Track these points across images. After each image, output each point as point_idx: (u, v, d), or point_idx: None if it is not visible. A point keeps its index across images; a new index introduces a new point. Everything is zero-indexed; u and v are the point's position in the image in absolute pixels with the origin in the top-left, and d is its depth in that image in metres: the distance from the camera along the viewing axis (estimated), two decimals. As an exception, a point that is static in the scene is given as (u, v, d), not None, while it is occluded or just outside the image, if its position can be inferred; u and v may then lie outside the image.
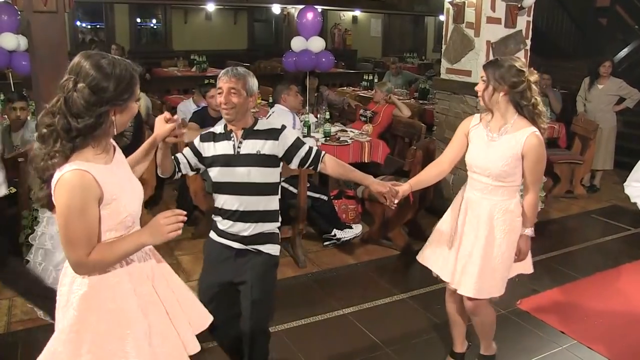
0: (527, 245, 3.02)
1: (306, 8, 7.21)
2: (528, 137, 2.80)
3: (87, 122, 1.85)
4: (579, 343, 3.72)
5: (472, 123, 3.03)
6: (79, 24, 14.96)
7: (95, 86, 1.86)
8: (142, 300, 2.04)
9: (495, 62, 2.86)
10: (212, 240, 2.92)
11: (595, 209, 6.66)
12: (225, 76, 2.74)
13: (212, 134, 2.87)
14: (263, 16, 17.29)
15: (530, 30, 5.60)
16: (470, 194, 3.01)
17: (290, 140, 2.82)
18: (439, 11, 7.78)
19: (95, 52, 1.95)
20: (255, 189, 2.78)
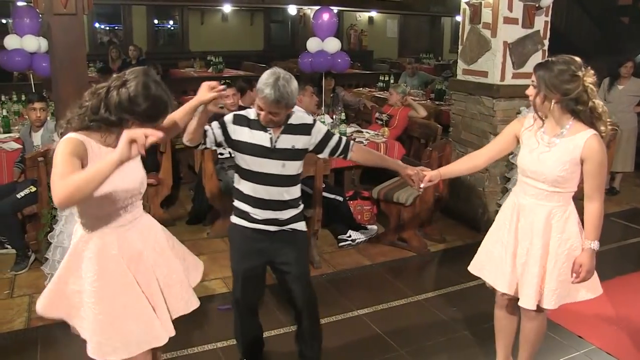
0: (591, 260, 2.72)
1: (322, 9, 7.22)
2: (588, 140, 2.63)
3: (109, 117, 2.14)
4: (598, 348, 3.67)
5: (525, 124, 2.86)
6: (98, 25, 15.10)
7: (133, 98, 2.12)
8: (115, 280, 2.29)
9: (546, 66, 2.64)
10: (242, 226, 2.97)
11: (614, 211, 6.57)
12: (266, 99, 2.70)
13: (246, 118, 2.87)
14: (279, 17, 17.33)
15: (548, 30, 5.56)
16: (523, 200, 2.85)
17: (322, 133, 2.98)
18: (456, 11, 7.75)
19: (152, 73, 2.23)
20: (287, 180, 2.91)
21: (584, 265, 2.72)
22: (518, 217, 2.86)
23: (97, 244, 2.28)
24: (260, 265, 3.05)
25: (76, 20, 4.01)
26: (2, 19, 13.27)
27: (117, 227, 2.31)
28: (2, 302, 4.09)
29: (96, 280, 2.25)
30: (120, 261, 2.30)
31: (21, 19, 6.20)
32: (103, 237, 2.29)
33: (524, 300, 2.82)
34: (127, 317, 2.29)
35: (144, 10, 14.99)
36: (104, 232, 2.29)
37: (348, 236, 5.21)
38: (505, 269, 2.88)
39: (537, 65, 2.72)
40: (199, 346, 3.56)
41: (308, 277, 3.14)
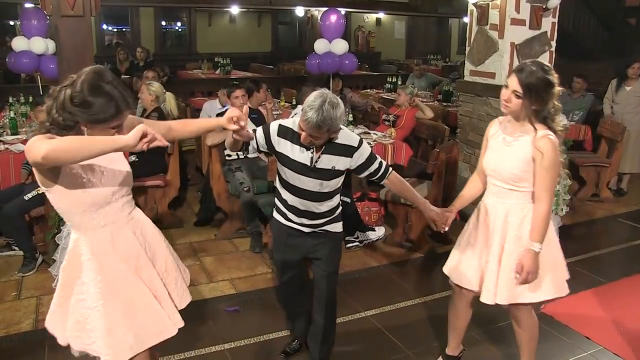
0: (533, 262, 2.71)
1: (329, 10, 7.23)
2: (540, 140, 2.68)
3: (58, 118, 2.07)
4: (605, 349, 3.66)
5: (492, 128, 2.98)
6: (105, 27, 15.16)
7: (76, 97, 2.04)
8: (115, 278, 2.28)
9: (529, 74, 2.66)
10: (281, 222, 3.09)
11: (622, 212, 6.55)
12: (308, 122, 2.65)
13: (291, 132, 2.84)
14: (287, 19, 17.35)
15: (555, 31, 5.55)
16: (487, 199, 2.95)
17: (365, 157, 2.93)
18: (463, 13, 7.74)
19: (103, 72, 2.12)
20: (325, 197, 2.95)
21: (525, 266, 2.71)
22: (485, 216, 2.93)
23: (92, 244, 2.26)
24: (296, 259, 3.17)
25: (83, 22, 4.04)
26: (10, 21, 13.35)
27: (109, 224, 2.27)
28: (10, 303, 4.11)
29: (100, 280, 2.25)
30: (117, 258, 2.29)
31: (29, 20, 6.24)
32: (96, 236, 2.26)
33: (484, 296, 2.89)
34: (136, 311, 2.29)
35: (151, 12, 15.05)
36: (96, 232, 2.26)
37: (355, 237, 5.21)
38: (474, 267, 2.95)
39: (518, 74, 2.69)
40: (207, 347, 3.56)
41: (336, 278, 3.19)
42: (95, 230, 2.25)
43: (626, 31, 10.25)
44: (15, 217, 4.52)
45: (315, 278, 3.17)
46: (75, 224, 2.27)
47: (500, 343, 3.71)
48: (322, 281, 3.12)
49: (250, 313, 4.07)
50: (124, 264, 2.30)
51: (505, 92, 2.73)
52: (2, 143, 5.41)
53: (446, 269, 3.14)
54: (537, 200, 2.75)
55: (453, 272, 3.09)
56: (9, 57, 6.31)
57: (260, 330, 3.72)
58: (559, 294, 2.91)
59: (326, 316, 3.19)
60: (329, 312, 3.22)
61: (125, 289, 2.29)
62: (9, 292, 4.26)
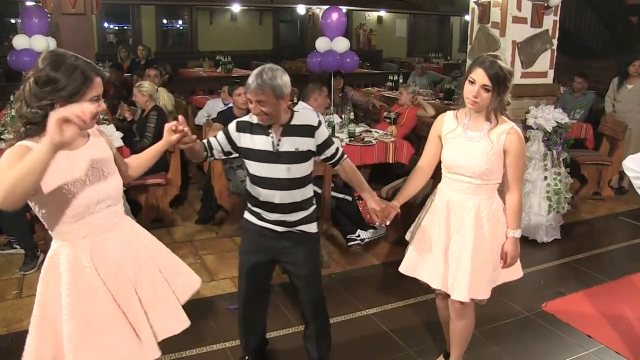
0: (515, 248, 2.88)
1: (331, 8, 7.22)
2: (509, 132, 2.76)
3: (31, 110, 1.98)
4: (606, 347, 3.66)
5: (446, 125, 2.93)
6: (106, 25, 15.16)
7: (40, 78, 1.97)
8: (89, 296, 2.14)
9: (494, 65, 2.67)
10: (253, 223, 2.99)
11: (623, 211, 6.55)
12: (249, 89, 2.73)
13: (248, 124, 2.85)
14: (288, 17, 17.34)
15: (557, 29, 5.54)
16: (451, 196, 2.91)
17: (325, 136, 2.92)
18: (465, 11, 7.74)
19: (56, 51, 2.07)
20: (295, 183, 2.87)
21: (509, 252, 2.87)
22: (448, 213, 2.91)
23: (69, 255, 2.13)
24: (266, 262, 3.05)
25: (85, 20, 4.05)
26: (11, 19, 13.35)
27: (89, 235, 2.16)
28: (11, 302, 4.12)
29: (68, 295, 2.10)
30: (93, 274, 2.15)
31: (30, 18, 6.23)
32: (75, 247, 2.14)
33: (457, 294, 2.87)
34: (103, 333, 2.14)
35: (152, 10, 15.04)
36: (76, 243, 2.14)
37: (357, 236, 5.20)
38: (438, 265, 2.92)
39: (488, 68, 2.68)
40: (208, 346, 3.57)
41: (317, 278, 3.12)
42: (75, 241, 2.14)
43: (628, 29, 10.22)
44: (16, 216, 4.51)
45: (296, 283, 3.09)
46: (56, 233, 2.16)
47: (502, 342, 3.70)
48: (304, 285, 3.06)
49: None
50: (96, 281, 2.15)
51: (473, 87, 2.71)
52: (3, 142, 5.41)
53: (403, 268, 3.11)
54: (509, 190, 2.87)
55: (415, 272, 3.06)
56: (10, 55, 6.29)
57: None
58: (519, 275, 3.05)
59: (317, 317, 3.16)
60: (319, 313, 3.16)
61: (94, 309, 2.14)
62: (10, 291, 4.26)
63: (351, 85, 9.27)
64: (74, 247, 2.14)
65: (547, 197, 5.31)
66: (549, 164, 5.34)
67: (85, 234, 2.15)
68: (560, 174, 5.38)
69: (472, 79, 2.72)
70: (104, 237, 2.20)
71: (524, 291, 4.43)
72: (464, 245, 2.84)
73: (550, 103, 5.55)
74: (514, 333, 3.83)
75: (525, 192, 5.40)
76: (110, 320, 2.17)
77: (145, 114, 5.76)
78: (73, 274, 2.12)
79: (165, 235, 5.40)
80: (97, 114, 2.02)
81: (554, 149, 5.33)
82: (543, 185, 5.32)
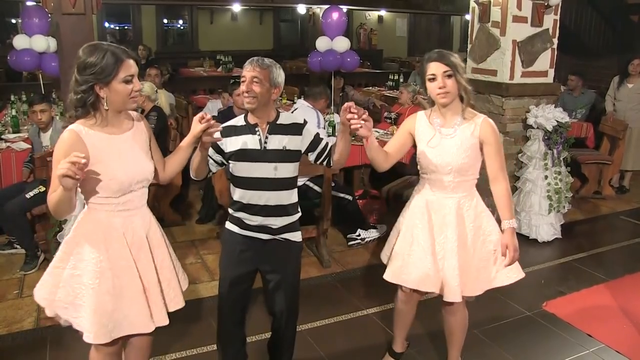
0: (514, 238, 2.79)
1: (331, 8, 7.22)
2: (483, 122, 2.77)
3: (77, 96, 2.27)
4: (607, 347, 3.65)
5: (418, 128, 2.89)
6: (107, 25, 15.16)
7: (79, 65, 2.26)
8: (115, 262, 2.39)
9: (444, 55, 2.71)
10: (235, 233, 2.88)
11: (624, 210, 6.54)
12: (250, 65, 2.72)
13: (232, 127, 2.81)
14: (288, 16, 17.33)
15: (557, 28, 5.54)
16: (430, 196, 2.89)
17: (313, 133, 2.86)
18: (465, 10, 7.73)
19: (92, 42, 2.37)
20: (282, 184, 2.79)
21: (510, 244, 2.77)
22: (429, 214, 2.88)
23: (104, 223, 2.38)
24: (249, 273, 2.92)
25: (85, 20, 4.04)
26: (12, 19, 13.36)
27: (123, 210, 2.40)
28: (12, 302, 4.12)
29: (102, 261, 2.35)
30: (124, 243, 2.40)
31: (30, 18, 6.23)
32: (109, 218, 2.39)
33: (450, 295, 2.84)
34: (123, 299, 2.38)
35: (153, 10, 15.04)
36: (110, 214, 2.38)
37: (357, 235, 5.21)
38: (429, 268, 2.86)
39: (435, 58, 2.71)
40: (208, 345, 3.56)
41: (297, 289, 3.01)
42: (111, 213, 2.38)
43: (629, 28, 10.20)
44: (17, 215, 4.53)
45: (273, 291, 2.94)
46: (94, 204, 2.38)
47: (503, 341, 3.70)
48: (281, 293, 2.93)
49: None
50: (127, 250, 2.40)
51: (436, 82, 2.72)
52: (4, 141, 5.42)
53: (388, 276, 3.03)
54: (494, 180, 2.82)
55: (400, 278, 2.99)
56: (10, 55, 6.30)
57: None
58: (521, 276, 2.93)
59: (289, 326, 3.04)
60: (292, 324, 3.06)
61: (121, 276, 2.38)
62: (10, 291, 4.27)
63: (352, 84, 9.29)
64: (109, 218, 2.39)
65: (547, 196, 5.31)
66: (550, 163, 5.33)
67: (121, 208, 2.39)
68: (560, 173, 5.38)
69: (431, 75, 2.73)
70: (134, 212, 2.45)
71: (524, 290, 4.43)
72: (448, 245, 2.82)
73: (550, 102, 5.54)
74: (514, 332, 3.83)
75: (525, 192, 5.40)
76: (131, 289, 2.41)
77: (144, 113, 5.76)
78: (105, 242, 2.37)
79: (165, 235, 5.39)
80: (135, 94, 2.34)
81: (555, 148, 5.33)
82: (544, 185, 5.32)
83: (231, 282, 2.90)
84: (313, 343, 3.65)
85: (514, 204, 5.52)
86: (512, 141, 5.52)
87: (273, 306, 2.99)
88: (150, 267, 2.48)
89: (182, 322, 3.87)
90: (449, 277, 2.83)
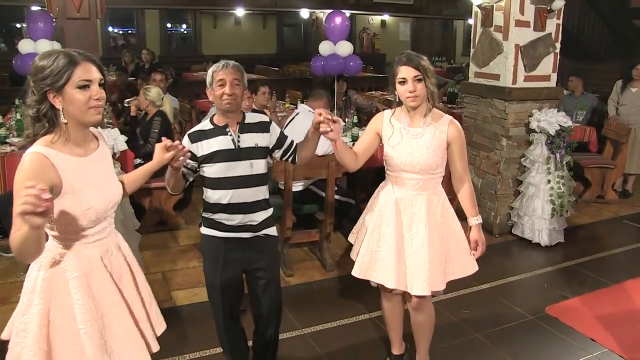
0: (482, 234, 2.96)
1: (334, 12, 7.23)
2: (450, 124, 2.86)
3: (32, 109, 1.98)
4: (610, 351, 3.65)
5: (384, 128, 2.94)
6: (111, 29, 15.21)
7: (32, 72, 1.98)
8: (102, 300, 2.12)
9: (414, 58, 2.78)
10: (215, 237, 2.92)
11: (627, 214, 6.54)
12: (226, 69, 2.80)
13: (201, 132, 2.85)
14: (292, 21, 17.40)
15: (560, 33, 5.55)
16: (399, 194, 2.93)
17: (279, 130, 2.99)
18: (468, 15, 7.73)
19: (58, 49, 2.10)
20: (258, 180, 2.88)
21: (479, 239, 2.93)
22: (398, 211, 2.92)
23: (81, 258, 2.09)
24: (237, 275, 2.97)
25: (89, 25, 4.07)
26: (17, 24, 13.41)
27: (97, 240, 2.14)
28: (15, 305, 4.11)
29: (87, 301, 2.07)
30: (107, 276, 2.15)
31: (35, 23, 6.27)
32: (86, 250, 2.10)
33: (417, 289, 2.87)
34: (113, 338, 2.14)
35: (157, 14, 15.11)
36: (86, 246, 2.10)
37: (360, 239, 5.20)
38: (392, 265, 2.91)
39: (411, 62, 2.76)
40: (211, 349, 3.57)
41: (279, 284, 3.09)
42: (86, 245, 2.10)
43: (631, 32, 10.21)
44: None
45: (260, 289, 3.00)
46: (65, 239, 2.08)
47: (505, 345, 3.70)
48: (268, 290, 2.99)
49: None
50: (112, 284, 2.17)
51: (406, 85, 2.77)
52: (9, 145, 5.44)
53: (356, 272, 3.07)
54: (460, 180, 2.96)
55: (367, 274, 3.04)
56: (15, 60, 6.34)
57: None
58: (475, 268, 3.02)
59: (274, 324, 3.12)
60: (277, 319, 3.12)
61: (109, 312, 2.14)
62: (14, 293, 4.27)
63: (354, 88, 9.28)
64: (85, 252, 2.10)
65: (550, 200, 5.31)
66: (552, 167, 5.33)
67: (96, 238, 2.14)
68: (563, 177, 5.38)
69: (401, 79, 2.78)
70: (108, 238, 2.20)
71: (527, 294, 4.43)
72: (418, 240, 2.87)
73: (553, 106, 5.55)
74: (517, 336, 3.83)
75: (528, 196, 5.41)
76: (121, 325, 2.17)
77: (148, 117, 5.79)
78: (87, 278, 2.09)
79: (169, 239, 5.41)
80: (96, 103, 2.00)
81: (557, 152, 5.33)
82: (546, 189, 5.32)
83: (222, 286, 2.94)
84: (315, 346, 3.66)
85: (517, 208, 5.53)
86: (514, 145, 5.52)
87: (260, 305, 3.04)
88: (134, 295, 2.26)
89: (185, 325, 3.89)
90: (417, 272, 2.86)
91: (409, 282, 2.90)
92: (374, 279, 3.04)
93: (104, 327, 2.11)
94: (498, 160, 5.54)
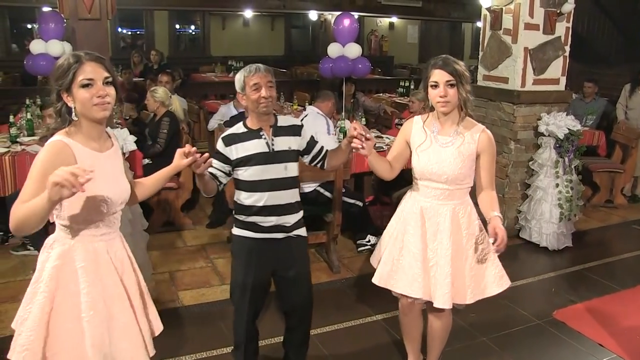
0: (501, 225, 2.68)
1: (343, 14, 7.24)
2: (481, 134, 2.78)
3: (54, 105, 2.14)
4: (618, 357, 3.63)
5: (414, 135, 2.90)
6: (120, 30, 15.28)
7: (50, 75, 2.20)
8: (106, 291, 2.18)
9: (450, 62, 2.70)
10: (248, 238, 2.94)
11: (636, 219, 6.49)
12: (259, 72, 2.82)
13: (235, 135, 2.89)
14: (300, 22, 17.41)
15: (569, 36, 5.53)
16: (424, 203, 2.87)
17: (309, 134, 3.05)
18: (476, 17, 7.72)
19: None
20: (292, 182, 2.94)
21: (499, 231, 2.65)
22: (423, 220, 2.87)
23: (88, 249, 2.16)
24: (267, 275, 3.03)
25: (100, 25, 4.09)
26: (28, 24, 13.50)
27: (105, 234, 2.21)
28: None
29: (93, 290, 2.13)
30: (112, 267, 2.21)
31: (46, 24, 6.32)
32: (93, 242, 2.17)
33: (440, 301, 2.81)
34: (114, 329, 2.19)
35: (166, 15, 15.15)
36: (93, 238, 2.18)
37: (367, 241, 5.21)
38: (418, 274, 2.85)
39: (445, 66, 2.69)
40: (218, 349, 3.58)
41: (310, 281, 3.14)
42: (94, 238, 2.17)
43: (641, 36, 10.18)
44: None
45: (291, 287, 3.05)
46: (75, 229, 2.14)
47: (512, 349, 3.69)
48: (300, 287, 3.06)
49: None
50: (116, 277, 2.22)
51: (438, 90, 2.71)
52: (19, 144, 5.47)
53: (377, 279, 3.04)
54: (486, 189, 2.85)
55: (388, 282, 2.99)
56: (26, 60, 6.38)
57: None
58: (508, 284, 2.96)
59: (304, 321, 3.18)
60: (308, 317, 3.18)
61: (112, 304, 2.19)
62: (24, 291, 4.28)
63: (362, 91, 9.28)
64: (92, 242, 2.17)
65: (558, 204, 5.29)
66: (561, 171, 5.32)
67: (104, 231, 2.21)
68: (572, 181, 5.36)
69: (433, 82, 2.72)
70: (114, 235, 2.28)
71: (534, 298, 4.42)
72: (442, 251, 2.81)
73: (562, 110, 5.53)
74: (524, 341, 3.82)
75: (536, 199, 5.39)
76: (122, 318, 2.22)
77: (157, 118, 5.81)
78: (95, 269, 2.16)
79: (176, 239, 5.43)
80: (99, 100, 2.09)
81: (566, 156, 5.31)
82: (555, 193, 5.30)
83: (252, 288, 2.97)
84: (322, 348, 3.65)
85: (525, 212, 5.51)
86: (523, 149, 5.51)
87: (291, 303, 3.11)
88: (135, 291, 2.31)
89: (192, 325, 3.90)
90: (440, 284, 2.81)
91: (432, 292, 2.85)
92: (394, 288, 2.99)
93: (106, 317, 2.17)
94: (506, 164, 5.53)
